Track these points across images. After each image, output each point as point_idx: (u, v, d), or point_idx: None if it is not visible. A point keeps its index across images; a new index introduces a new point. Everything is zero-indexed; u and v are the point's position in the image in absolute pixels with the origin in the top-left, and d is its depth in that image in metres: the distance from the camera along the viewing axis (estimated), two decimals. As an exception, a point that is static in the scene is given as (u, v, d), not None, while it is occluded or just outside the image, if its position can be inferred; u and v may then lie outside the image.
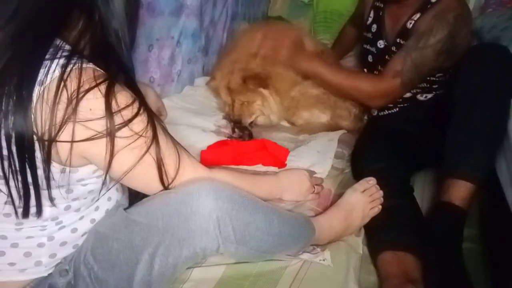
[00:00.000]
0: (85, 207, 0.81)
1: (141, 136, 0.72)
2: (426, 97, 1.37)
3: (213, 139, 1.36)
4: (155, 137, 0.75)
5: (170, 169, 0.79)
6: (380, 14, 1.44)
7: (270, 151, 1.27)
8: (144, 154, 0.74)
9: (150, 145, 0.74)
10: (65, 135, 0.66)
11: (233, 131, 1.45)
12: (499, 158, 1.12)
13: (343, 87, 1.40)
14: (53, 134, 0.66)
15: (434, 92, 1.36)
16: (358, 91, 1.38)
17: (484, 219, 1.19)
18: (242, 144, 1.32)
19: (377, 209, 1.08)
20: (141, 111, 0.72)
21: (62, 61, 0.67)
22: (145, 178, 0.78)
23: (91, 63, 0.70)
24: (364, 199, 1.07)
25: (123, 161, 0.73)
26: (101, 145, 0.69)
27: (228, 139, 1.38)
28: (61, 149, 0.68)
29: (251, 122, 1.51)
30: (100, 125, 0.68)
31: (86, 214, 0.82)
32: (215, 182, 0.81)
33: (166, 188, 0.80)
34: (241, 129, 1.45)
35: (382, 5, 1.44)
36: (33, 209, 0.71)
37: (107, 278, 0.77)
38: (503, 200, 1.05)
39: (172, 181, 0.80)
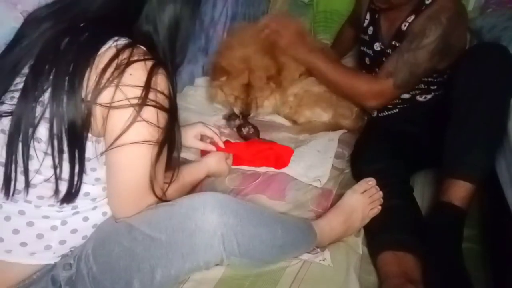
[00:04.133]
0: (100, 198, 0.83)
1: (158, 128, 0.76)
2: (425, 98, 1.37)
3: (213, 139, 1.35)
4: (164, 141, 0.78)
5: (159, 176, 0.81)
6: (376, 16, 1.44)
7: (275, 149, 1.27)
8: (151, 144, 0.76)
9: (160, 143, 0.77)
10: (104, 98, 0.71)
11: (240, 130, 1.45)
12: (499, 158, 1.13)
13: (339, 83, 1.39)
14: (95, 96, 0.71)
15: (433, 93, 1.36)
16: (353, 89, 1.37)
17: (484, 219, 1.19)
18: (243, 144, 1.31)
19: (377, 209, 1.08)
20: (170, 113, 0.78)
21: (117, 39, 0.74)
22: (137, 169, 0.78)
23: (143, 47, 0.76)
24: (364, 200, 1.07)
25: (133, 133, 0.74)
26: (126, 113, 0.72)
27: (228, 139, 1.38)
28: (98, 114, 0.72)
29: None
30: (134, 93, 0.72)
31: (99, 206, 0.84)
32: (219, 195, 0.81)
33: (154, 192, 0.80)
34: (248, 126, 1.46)
35: (377, 8, 1.43)
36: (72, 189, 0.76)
37: (104, 280, 0.77)
38: (503, 200, 1.05)
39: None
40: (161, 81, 0.76)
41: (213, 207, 0.77)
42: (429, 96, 1.37)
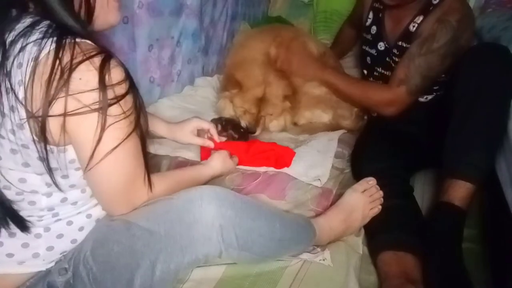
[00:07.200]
0: (82, 202, 0.81)
1: (128, 115, 0.71)
2: (426, 98, 1.37)
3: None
4: (138, 119, 0.74)
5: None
6: (380, 15, 1.44)
7: (276, 151, 1.27)
8: (130, 133, 0.72)
9: (135, 127, 0.73)
10: (57, 109, 0.66)
11: (222, 131, 1.34)
12: (499, 158, 1.13)
13: (354, 95, 1.42)
14: (46, 108, 0.65)
15: (434, 93, 1.36)
16: (368, 100, 1.39)
17: (484, 219, 1.19)
18: (244, 145, 1.31)
19: (377, 209, 1.08)
20: (131, 89, 0.72)
21: (55, 37, 0.67)
22: (124, 168, 0.76)
23: (85, 39, 0.69)
24: (364, 200, 1.07)
25: (109, 140, 0.71)
26: (92, 120, 0.68)
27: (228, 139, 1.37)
28: (52, 125, 0.67)
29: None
30: (92, 98, 0.67)
31: (83, 210, 0.82)
32: (217, 188, 0.81)
33: (149, 183, 0.80)
34: (238, 132, 1.38)
35: (381, 7, 1.43)
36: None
37: (105, 280, 0.76)
38: (503, 200, 1.05)
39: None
40: (115, 74, 0.69)
41: (211, 199, 0.77)
42: (430, 96, 1.36)
